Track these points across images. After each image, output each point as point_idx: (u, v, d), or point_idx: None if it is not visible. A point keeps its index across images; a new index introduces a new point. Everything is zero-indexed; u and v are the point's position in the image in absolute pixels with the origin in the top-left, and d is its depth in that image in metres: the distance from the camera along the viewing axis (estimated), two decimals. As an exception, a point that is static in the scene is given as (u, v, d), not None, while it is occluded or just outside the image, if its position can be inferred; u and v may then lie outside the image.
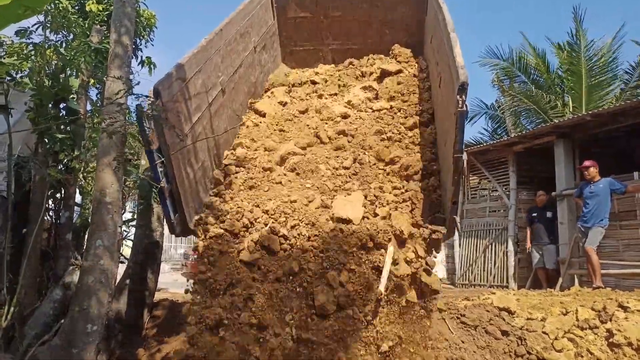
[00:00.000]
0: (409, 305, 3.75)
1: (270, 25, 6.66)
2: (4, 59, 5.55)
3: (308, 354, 3.53)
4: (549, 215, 9.39)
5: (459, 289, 10.68)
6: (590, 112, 9.10)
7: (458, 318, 4.94)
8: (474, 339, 4.70)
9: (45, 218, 5.31)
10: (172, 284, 12.17)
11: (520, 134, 11.88)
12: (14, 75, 5.51)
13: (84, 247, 4.97)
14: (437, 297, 4.04)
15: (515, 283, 10.24)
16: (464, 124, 3.42)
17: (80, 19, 6.56)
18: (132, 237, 6.26)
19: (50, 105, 5.18)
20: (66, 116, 5.32)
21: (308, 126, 5.41)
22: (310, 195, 4.29)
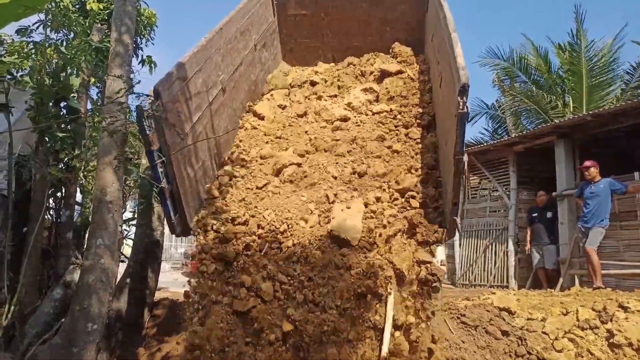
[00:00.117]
0: None
1: (271, 23, 6.65)
2: (5, 57, 5.55)
3: None
4: (550, 215, 9.39)
5: (459, 289, 10.68)
6: (591, 112, 9.09)
7: (458, 318, 4.93)
8: (474, 339, 4.69)
9: (45, 217, 5.31)
10: (173, 283, 12.17)
11: (520, 134, 11.87)
12: (15, 74, 5.50)
13: (85, 246, 4.98)
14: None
15: (516, 283, 10.23)
16: (465, 126, 3.37)
17: (81, 18, 6.57)
18: (133, 236, 6.26)
19: (51, 104, 5.18)
20: (67, 115, 5.31)
21: (307, 132, 5.33)
22: (306, 209, 4.15)
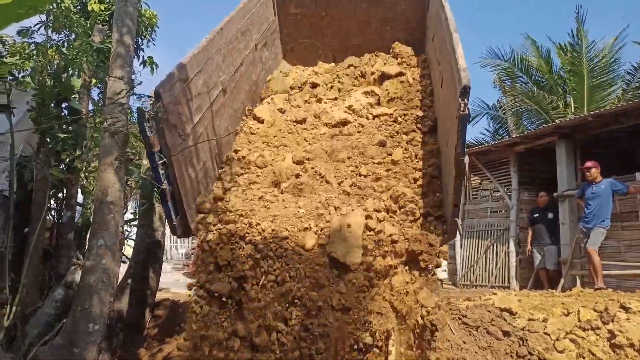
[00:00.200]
0: None
1: (271, 22, 6.63)
2: (6, 58, 5.56)
3: None
4: (551, 216, 9.38)
5: (461, 289, 10.66)
6: (592, 113, 9.09)
7: (459, 319, 4.92)
8: (476, 340, 4.69)
9: (47, 217, 5.31)
10: (174, 283, 12.20)
11: (521, 134, 11.86)
12: (16, 75, 5.52)
13: (86, 247, 4.99)
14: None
15: (517, 284, 10.23)
16: (466, 128, 3.32)
17: (82, 19, 6.59)
18: (134, 237, 6.27)
19: (53, 104, 5.19)
20: (68, 116, 5.32)
21: (306, 140, 5.18)
22: (304, 226, 3.85)
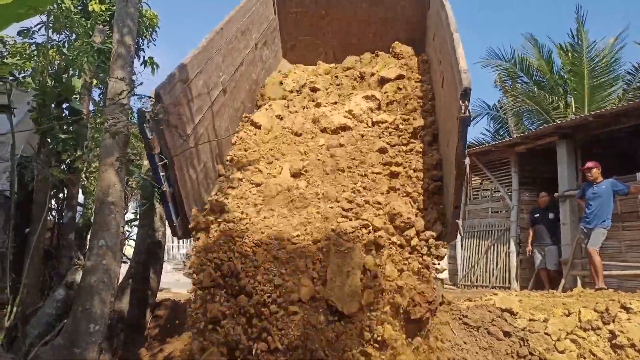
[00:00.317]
0: None
1: (271, 21, 6.61)
2: (7, 58, 5.57)
3: None
4: (552, 216, 9.38)
5: (461, 289, 10.66)
6: (593, 113, 9.09)
7: (460, 319, 4.91)
8: (476, 340, 4.68)
9: (48, 218, 5.31)
10: (175, 283, 12.20)
11: (522, 134, 11.86)
12: (17, 75, 5.52)
13: (87, 247, 4.98)
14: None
15: (518, 284, 10.23)
16: (467, 129, 3.28)
17: (83, 19, 6.60)
18: (135, 237, 6.27)
19: (53, 105, 5.18)
20: (69, 116, 5.32)
21: (303, 151, 5.01)
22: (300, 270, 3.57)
